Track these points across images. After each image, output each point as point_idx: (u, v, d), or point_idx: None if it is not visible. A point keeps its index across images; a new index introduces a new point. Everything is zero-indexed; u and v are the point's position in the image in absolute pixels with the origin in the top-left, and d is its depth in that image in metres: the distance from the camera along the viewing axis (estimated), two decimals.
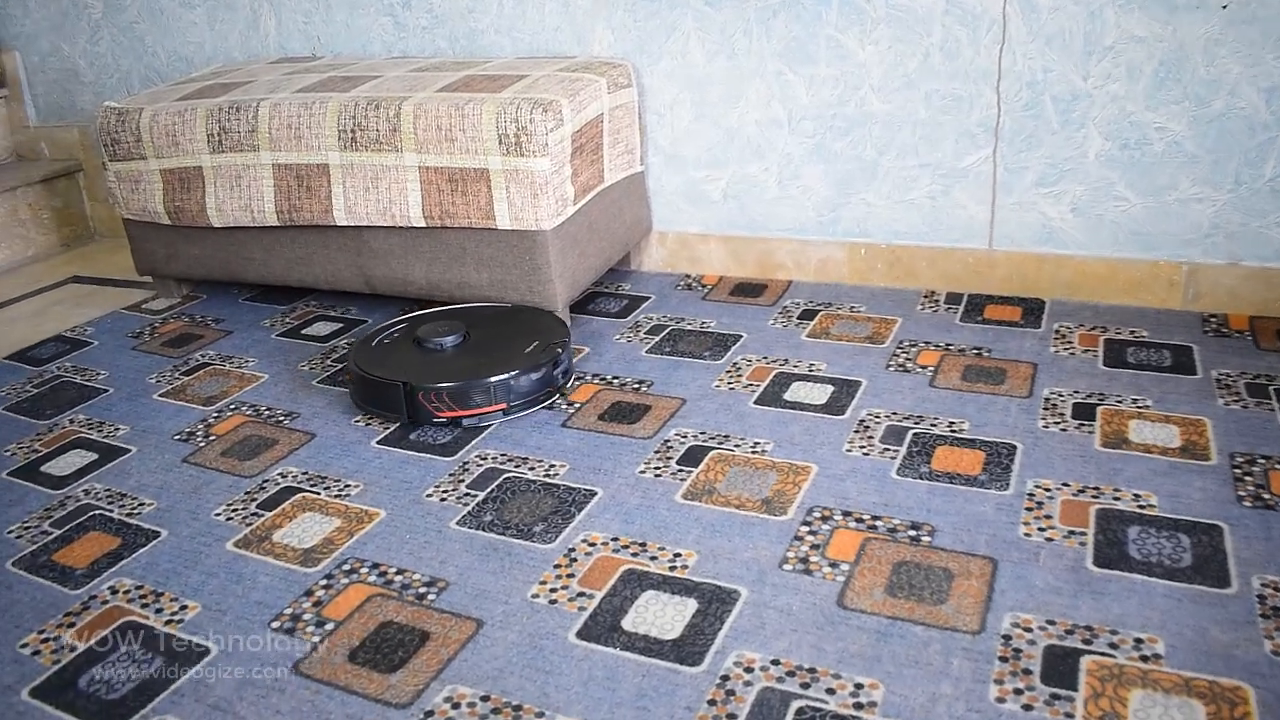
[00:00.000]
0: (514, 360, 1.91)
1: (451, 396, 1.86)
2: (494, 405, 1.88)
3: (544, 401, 1.92)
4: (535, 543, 1.53)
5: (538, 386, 1.91)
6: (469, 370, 1.90)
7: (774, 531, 1.52)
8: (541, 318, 2.10)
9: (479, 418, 1.88)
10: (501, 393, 1.87)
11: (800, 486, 1.62)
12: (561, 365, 1.96)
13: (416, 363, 1.94)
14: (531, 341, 1.96)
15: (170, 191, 2.49)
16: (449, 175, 2.15)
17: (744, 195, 2.48)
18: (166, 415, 2.06)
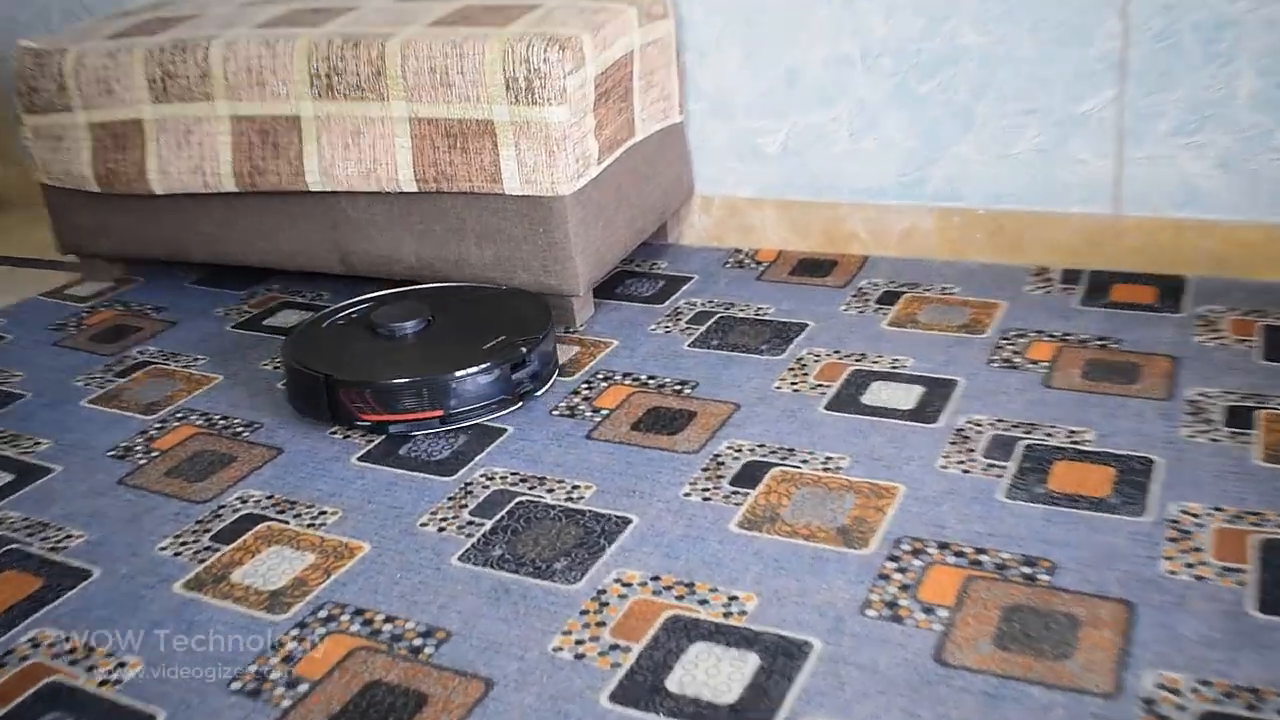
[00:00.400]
0: (461, 357, 1.91)
1: (376, 396, 1.86)
2: (427, 412, 1.87)
3: (498, 410, 1.92)
4: (556, 583, 1.52)
5: (490, 391, 1.90)
6: (414, 365, 1.91)
7: (852, 568, 1.50)
8: (529, 305, 2.10)
9: (409, 425, 1.89)
10: (437, 396, 1.87)
11: (884, 512, 1.60)
12: (528, 368, 1.94)
13: (359, 352, 1.96)
14: (497, 335, 1.96)
15: (101, 151, 2.49)
16: (445, 129, 2.14)
17: (807, 150, 2.46)
18: (98, 426, 2.06)
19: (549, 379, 2.02)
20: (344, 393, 1.88)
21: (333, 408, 1.91)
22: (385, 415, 1.89)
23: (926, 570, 1.48)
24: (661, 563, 1.54)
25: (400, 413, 1.88)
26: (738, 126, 2.50)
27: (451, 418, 1.90)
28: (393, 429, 1.90)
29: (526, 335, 1.97)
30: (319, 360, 1.95)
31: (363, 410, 1.88)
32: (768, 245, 2.56)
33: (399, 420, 1.89)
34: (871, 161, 2.41)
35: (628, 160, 2.32)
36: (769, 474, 1.72)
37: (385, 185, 2.23)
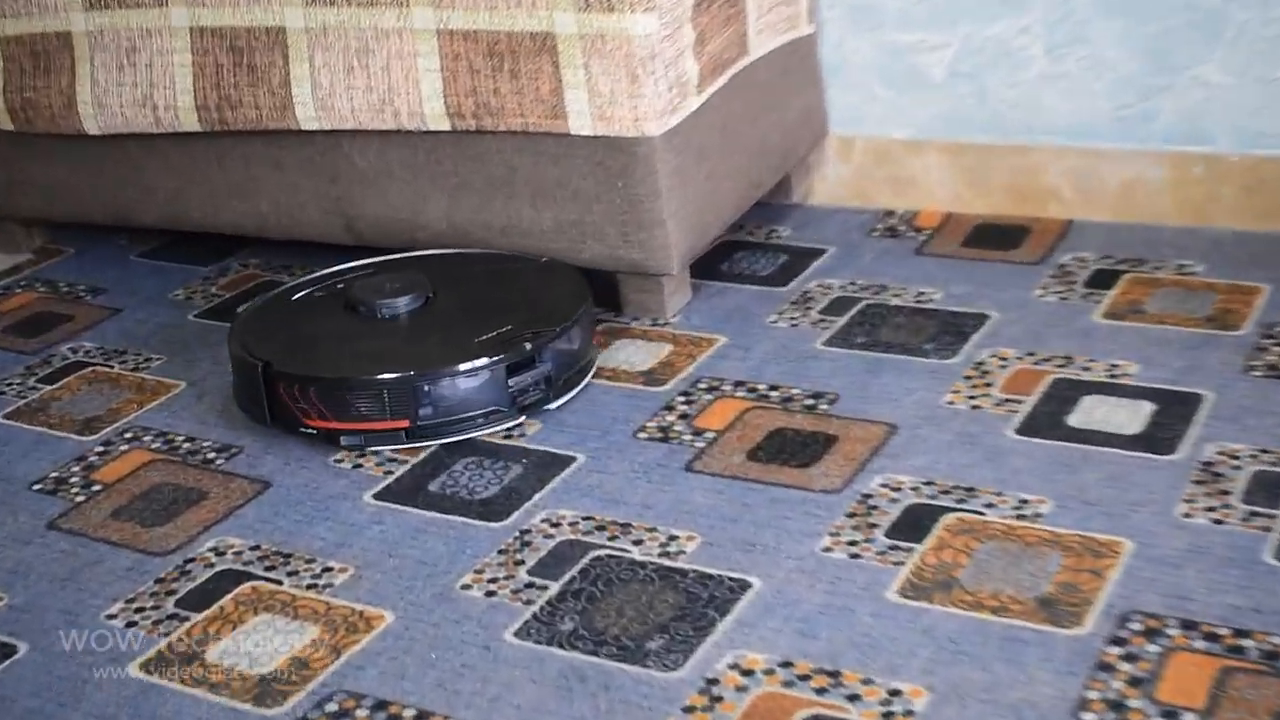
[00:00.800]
0: (445, 350, 1.96)
1: (322, 397, 1.89)
2: (389, 421, 1.91)
3: (483, 426, 1.97)
4: (650, 669, 1.54)
5: (474, 399, 1.94)
6: (358, 359, 1.96)
7: (1061, 655, 1.50)
8: (557, 286, 2.14)
9: (364, 437, 1.93)
10: (402, 401, 1.90)
11: (1103, 577, 1.60)
12: (539, 369, 1.99)
13: (321, 337, 2.03)
14: (502, 324, 2.01)
15: (16, 75, 2.55)
16: (488, 45, 2.17)
17: (986, 73, 2.46)
18: (18, 450, 2.11)
19: (572, 386, 2.06)
20: (283, 388, 1.92)
21: (272, 408, 1.96)
22: (333, 422, 1.93)
23: (1165, 659, 1.48)
24: (794, 643, 1.56)
25: (352, 420, 1.93)
26: (887, 40, 2.51)
27: (421, 431, 1.94)
28: (344, 441, 1.95)
29: (540, 326, 2.02)
30: (266, 345, 2.00)
31: (307, 413, 1.92)
32: (931, 205, 2.56)
33: (351, 429, 1.94)
34: (1077, 89, 2.41)
35: (738, 88, 2.33)
36: (941, 522, 1.72)
37: (405, 122, 2.26)
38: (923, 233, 2.48)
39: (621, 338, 2.23)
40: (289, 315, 2.11)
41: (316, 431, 1.96)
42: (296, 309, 2.12)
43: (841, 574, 1.66)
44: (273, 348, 2.01)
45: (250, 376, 1.97)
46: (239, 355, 2.01)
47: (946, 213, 2.54)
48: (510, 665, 1.57)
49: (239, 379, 2.04)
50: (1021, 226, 2.46)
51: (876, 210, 2.59)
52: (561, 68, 2.14)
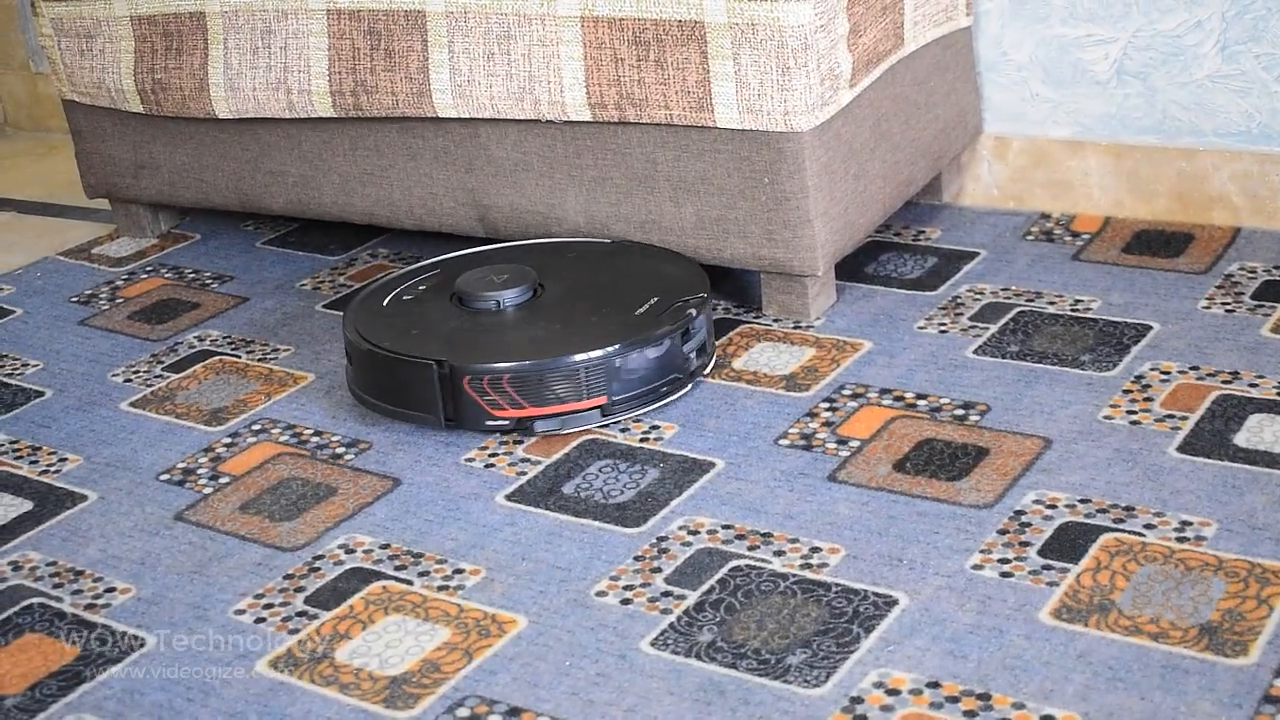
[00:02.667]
0: (614, 328, 2.06)
1: (516, 385, 1.97)
2: (586, 400, 2.00)
3: (667, 395, 2.07)
4: (792, 684, 1.56)
5: (657, 370, 2.04)
6: (540, 345, 2.04)
7: (1225, 686, 1.50)
8: (659, 261, 2.22)
9: (562, 420, 2.03)
10: (598, 379, 2.00)
11: (1271, 606, 1.60)
12: (696, 335, 2.07)
13: (454, 331, 2.11)
14: (646, 298, 2.12)
15: (148, 55, 2.62)
16: (633, 33, 2.20)
17: (1155, 71, 2.45)
18: (144, 439, 2.17)
19: (713, 355, 2.17)
20: (469, 382, 2.00)
21: (451, 404, 2.03)
22: (529, 410, 2.02)
23: None
24: (942, 663, 1.57)
25: (549, 405, 2.02)
26: (1051, 34, 2.51)
27: (615, 407, 2.05)
28: (539, 427, 2.04)
29: (683, 297, 2.12)
30: (417, 344, 2.07)
31: (498, 405, 2.00)
32: (1090, 209, 2.55)
33: (548, 414, 2.03)
34: (1252, 89, 2.39)
35: (892, 82, 2.35)
36: (1097, 542, 1.73)
37: (545, 112, 2.30)
38: (1080, 238, 2.48)
39: (762, 340, 2.25)
40: (395, 316, 2.17)
41: (509, 424, 2.03)
42: (400, 308, 2.19)
43: (992, 593, 1.67)
44: (434, 346, 2.07)
45: (420, 376, 2.03)
46: (392, 356, 2.06)
47: (1106, 217, 2.53)
48: (647, 676, 1.60)
49: (381, 379, 2.09)
50: (1186, 234, 2.45)
51: (1031, 213, 2.59)
52: (710, 58, 2.16)
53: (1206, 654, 1.54)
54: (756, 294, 2.37)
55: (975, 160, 2.63)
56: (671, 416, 2.07)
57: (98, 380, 2.35)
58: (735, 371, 2.17)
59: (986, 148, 2.61)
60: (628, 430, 2.05)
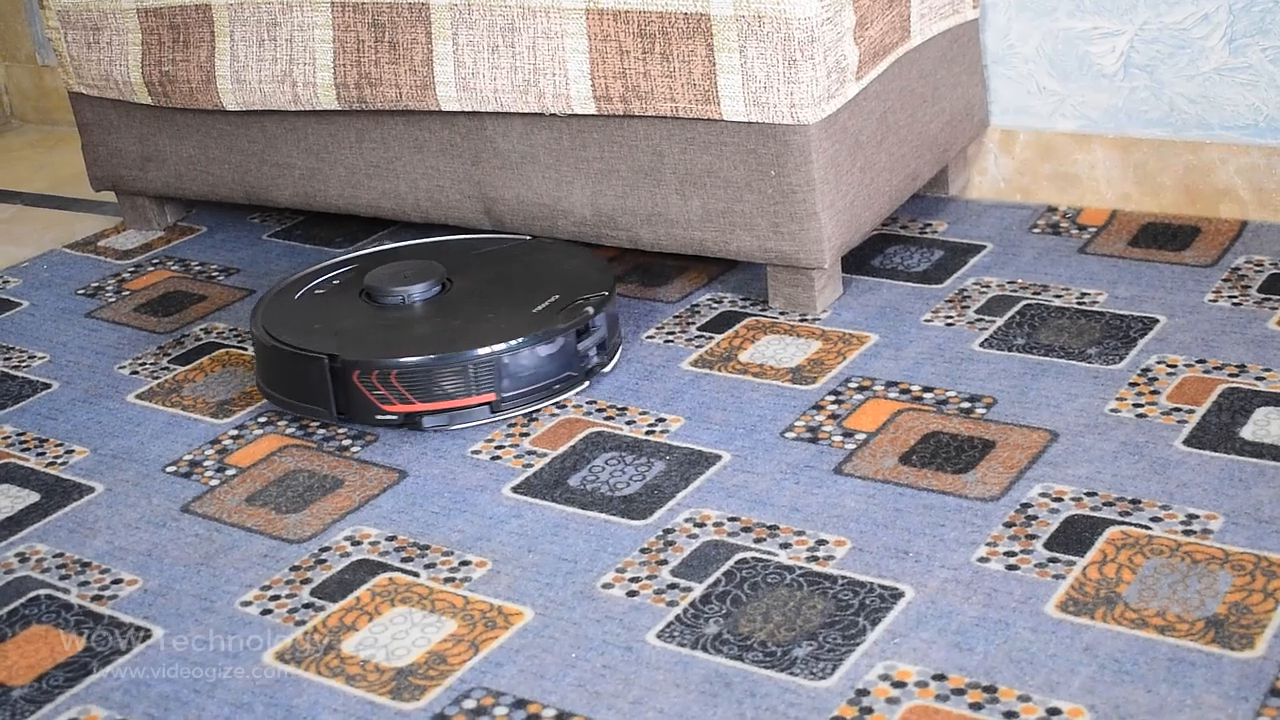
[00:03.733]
0: (509, 325, 2.10)
1: (404, 380, 2.02)
2: (475, 396, 2.04)
3: (562, 392, 2.11)
4: (798, 676, 1.56)
5: (552, 367, 2.09)
6: (433, 341, 2.08)
7: (1231, 679, 1.50)
8: (568, 259, 2.29)
9: (450, 415, 2.07)
10: (488, 375, 2.04)
11: (1278, 599, 1.60)
12: (594, 334, 2.12)
13: (356, 327, 2.15)
14: (548, 296, 2.16)
15: (155, 48, 2.62)
16: (639, 25, 2.20)
17: (1162, 64, 2.45)
18: (151, 431, 2.17)
19: (616, 351, 2.20)
20: (358, 376, 2.05)
21: (340, 398, 2.08)
22: (417, 405, 2.05)
23: None
24: (948, 655, 1.57)
25: (437, 400, 2.05)
26: (1057, 27, 2.51)
27: (505, 404, 2.08)
28: (428, 422, 2.07)
29: (584, 294, 2.15)
30: (312, 339, 2.12)
31: (387, 400, 2.05)
32: (1097, 202, 2.55)
33: (436, 410, 2.06)
34: (1260, 82, 2.39)
35: (898, 75, 2.35)
36: (1104, 535, 1.73)
37: (550, 105, 2.30)
38: (1087, 231, 2.48)
39: (769, 333, 2.25)
40: (301, 310, 2.21)
41: (398, 417, 2.06)
42: (309, 302, 2.23)
43: (998, 586, 1.67)
44: (327, 340, 2.11)
45: (313, 369, 2.07)
46: (289, 349, 2.10)
47: (1113, 210, 2.53)
48: (653, 668, 1.60)
49: (279, 372, 2.13)
50: (1193, 227, 2.45)
51: (1038, 206, 2.59)
52: (716, 50, 2.16)
53: (1213, 647, 1.55)
54: (763, 287, 2.37)
55: (981, 153, 2.63)
56: (678, 409, 2.07)
57: (104, 373, 2.36)
58: (741, 364, 2.18)
59: (993, 141, 2.61)
60: (634, 423, 2.05)
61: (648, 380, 2.16)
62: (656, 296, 2.41)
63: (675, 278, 2.46)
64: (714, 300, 2.38)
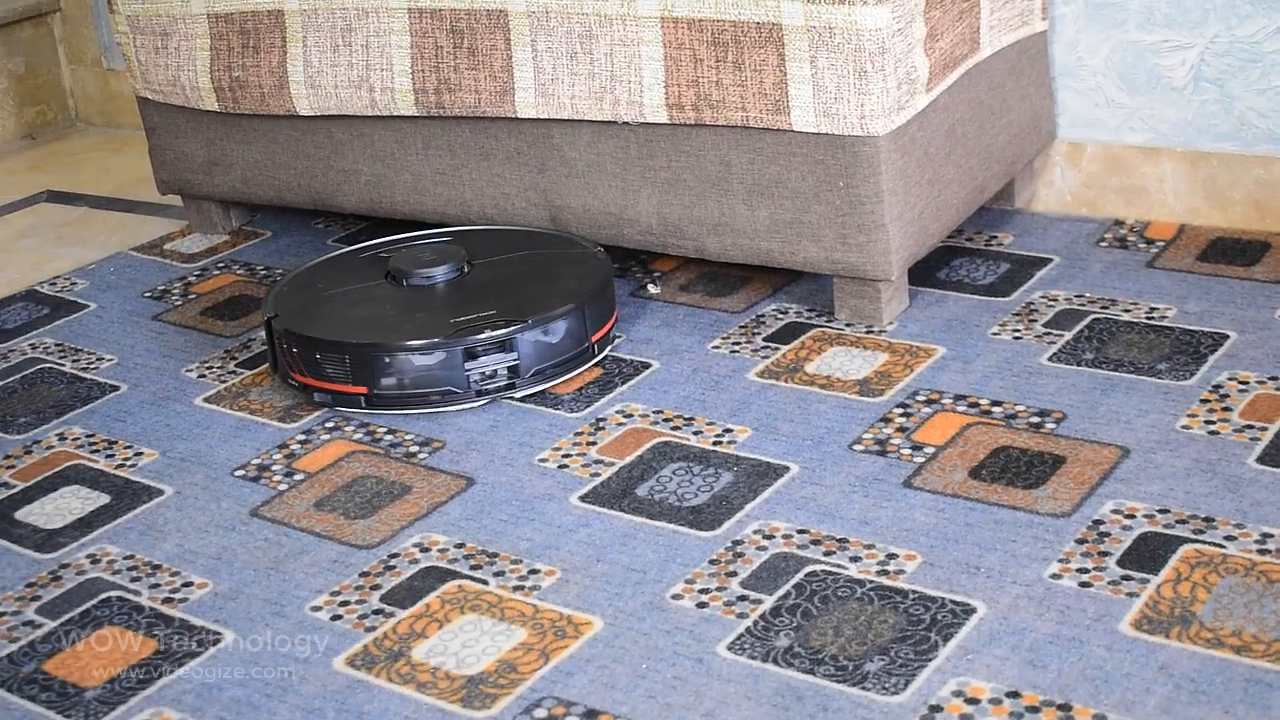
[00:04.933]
0: (433, 327, 2.17)
1: (301, 355, 2.17)
2: (349, 384, 2.16)
3: (439, 404, 2.17)
4: (870, 691, 1.56)
5: (435, 378, 2.15)
6: (372, 325, 2.20)
7: None
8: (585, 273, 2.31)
9: (332, 395, 2.18)
10: (363, 369, 2.14)
11: None
12: (503, 356, 2.16)
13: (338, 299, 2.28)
14: (489, 308, 2.21)
15: (224, 53, 2.63)
16: (712, 34, 2.20)
17: (1233, 78, 2.44)
18: (218, 435, 2.18)
19: (554, 377, 2.21)
20: (281, 342, 2.20)
21: (274, 359, 2.24)
22: (309, 379, 2.18)
23: None
24: (1021, 673, 1.56)
25: (323, 379, 2.17)
26: (1128, 40, 2.49)
27: (380, 399, 2.16)
28: (317, 397, 2.19)
29: (526, 315, 2.18)
30: (285, 302, 2.28)
31: (293, 367, 2.20)
32: (1165, 216, 2.54)
33: (322, 388, 2.18)
34: None
35: (967, 86, 2.34)
36: (1177, 554, 1.72)
37: (625, 112, 2.30)
38: (1155, 245, 2.46)
39: (835, 344, 2.25)
40: (329, 277, 2.38)
41: (298, 385, 2.21)
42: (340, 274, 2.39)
43: (1071, 603, 1.66)
44: (289, 305, 2.27)
45: (266, 327, 2.23)
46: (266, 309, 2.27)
47: (1181, 224, 2.52)
48: (724, 680, 1.60)
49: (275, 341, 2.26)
50: (1263, 242, 2.43)
51: (1105, 220, 2.57)
52: (787, 60, 2.16)
53: None
54: (828, 298, 2.37)
55: (1048, 166, 2.61)
56: (745, 420, 2.07)
57: (172, 375, 2.37)
58: (808, 375, 2.17)
59: (1060, 153, 2.60)
60: (701, 433, 2.05)
61: (714, 390, 2.16)
62: (721, 306, 2.40)
63: (740, 288, 2.46)
64: (779, 311, 2.37)
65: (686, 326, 2.35)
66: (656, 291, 2.46)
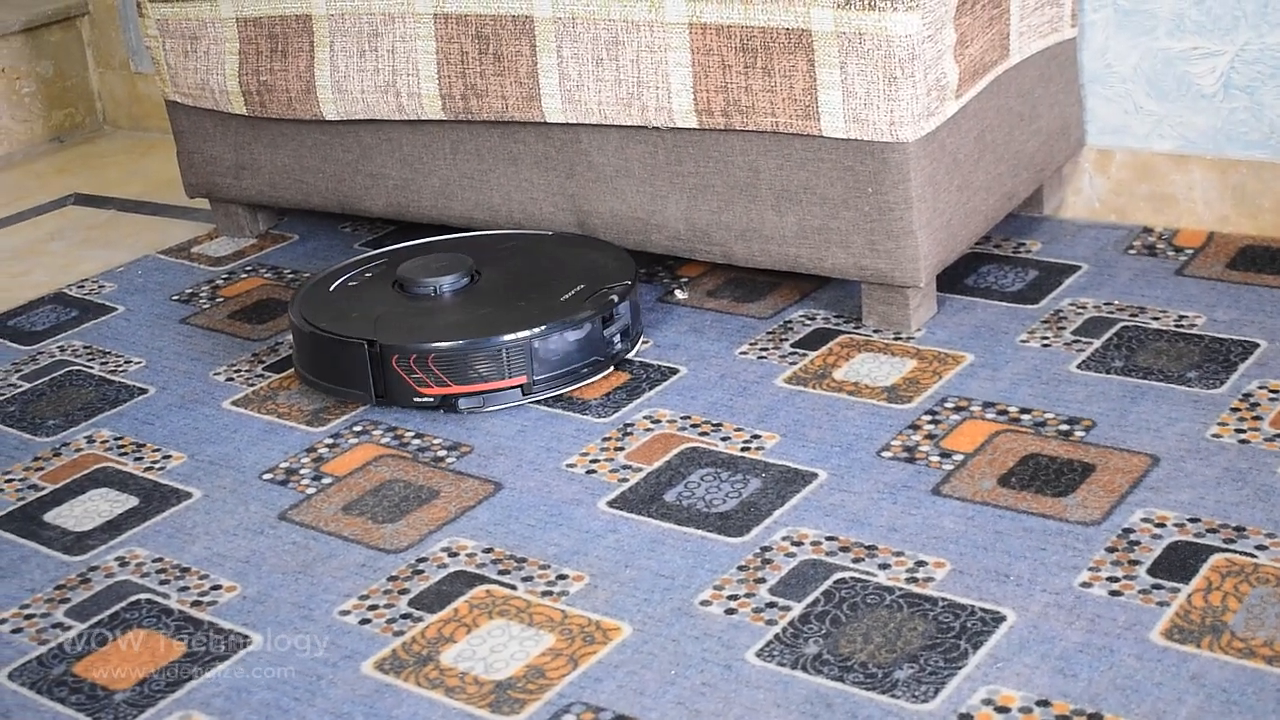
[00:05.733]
0: (538, 312, 2.21)
1: (440, 364, 2.13)
2: (508, 380, 2.16)
3: (588, 376, 2.21)
4: (900, 699, 1.55)
5: (579, 353, 2.20)
6: (469, 326, 2.19)
7: None
8: (592, 251, 2.40)
9: (484, 398, 2.18)
10: (519, 359, 2.15)
11: None
12: (618, 322, 2.23)
13: (392, 315, 2.26)
14: (573, 286, 2.27)
15: (252, 57, 2.64)
16: (741, 40, 2.20)
17: (1263, 86, 2.43)
18: (247, 439, 2.18)
19: (638, 339, 2.31)
20: (397, 360, 2.15)
21: (379, 382, 2.18)
22: (453, 387, 2.16)
23: None
24: (1051, 681, 1.56)
25: (471, 383, 2.16)
26: (1157, 47, 2.49)
27: (537, 386, 2.19)
28: (463, 405, 2.18)
29: (608, 285, 2.27)
30: (352, 325, 2.23)
31: (424, 383, 2.15)
32: (1194, 224, 2.53)
33: (470, 392, 2.17)
34: None
35: (997, 93, 2.33)
36: (1208, 563, 1.71)
37: (653, 117, 2.30)
38: (1184, 253, 2.45)
39: (863, 351, 2.24)
40: (338, 300, 2.33)
41: (434, 401, 2.17)
42: (345, 293, 2.35)
43: (1101, 611, 1.65)
44: (366, 326, 2.21)
45: (354, 354, 2.18)
46: (327, 336, 2.21)
47: (1210, 232, 2.51)
48: (754, 687, 1.59)
49: (319, 358, 2.24)
50: None
51: (1133, 227, 2.56)
52: (817, 66, 2.15)
53: None
54: (855, 304, 2.36)
55: (1077, 173, 2.61)
56: (773, 426, 2.07)
57: (200, 378, 2.37)
58: (836, 382, 2.16)
59: (1089, 160, 2.59)
60: (728, 439, 2.05)
61: (741, 396, 2.15)
62: (748, 312, 2.40)
63: (767, 293, 2.45)
64: (807, 317, 2.37)
65: (714, 332, 2.34)
66: (684, 297, 2.46)
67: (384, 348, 2.15)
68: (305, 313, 2.27)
